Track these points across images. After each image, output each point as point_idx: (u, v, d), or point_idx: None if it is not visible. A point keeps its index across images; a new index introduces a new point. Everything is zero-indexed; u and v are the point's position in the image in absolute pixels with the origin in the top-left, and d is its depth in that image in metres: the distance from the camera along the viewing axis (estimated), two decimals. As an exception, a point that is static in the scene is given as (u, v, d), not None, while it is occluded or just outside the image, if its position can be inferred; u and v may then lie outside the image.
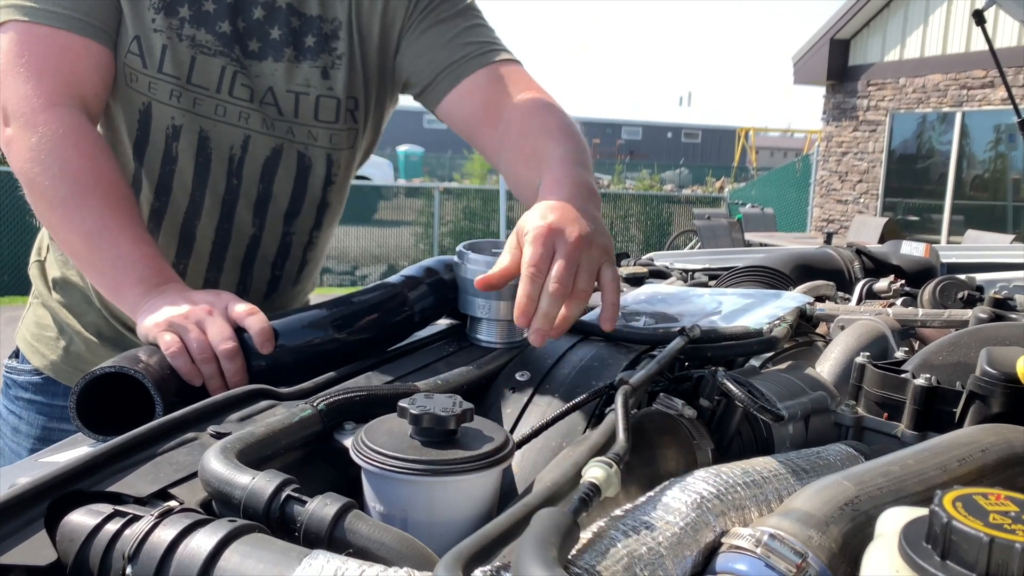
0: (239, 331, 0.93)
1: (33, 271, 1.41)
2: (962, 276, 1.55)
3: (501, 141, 1.22)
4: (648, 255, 2.13)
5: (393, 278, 1.08)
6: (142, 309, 0.98)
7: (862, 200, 12.50)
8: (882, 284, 1.61)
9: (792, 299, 1.28)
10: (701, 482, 0.62)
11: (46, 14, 1.11)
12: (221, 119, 1.24)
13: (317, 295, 1.39)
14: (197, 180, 1.26)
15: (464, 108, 1.27)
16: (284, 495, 0.58)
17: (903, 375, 0.90)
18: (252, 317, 0.94)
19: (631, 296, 1.39)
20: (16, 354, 1.42)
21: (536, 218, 0.90)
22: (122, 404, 0.85)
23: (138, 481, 0.63)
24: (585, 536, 0.54)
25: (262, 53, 1.24)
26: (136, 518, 0.56)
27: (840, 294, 1.62)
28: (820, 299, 1.46)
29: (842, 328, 1.20)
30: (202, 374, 0.91)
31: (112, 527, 0.55)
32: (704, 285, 1.66)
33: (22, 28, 1.11)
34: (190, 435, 0.72)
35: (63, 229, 1.09)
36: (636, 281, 1.68)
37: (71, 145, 1.08)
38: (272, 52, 1.24)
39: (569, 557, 0.52)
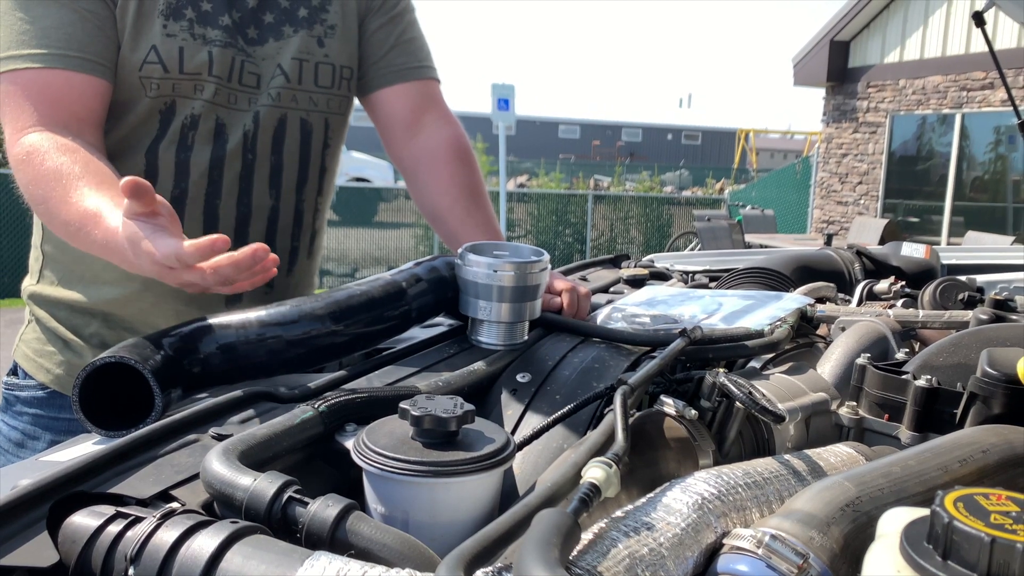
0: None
1: (29, 298, 1.42)
2: (962, 277, 1.55)
3: (415, 158, 1.47)
4: (648, 257, 2.13)
5: (393, 273, 1.08)
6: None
7: (862, 202, 12.49)
8: (883, 285, 1.61)
9: (793, 300, 1.28)
10: (702, 483, 0.62)
11: (30, 58, 1.17)
12: (233, 106, 1.32)
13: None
14: (214, 162, 1.32)
15: (389, 108, 1.48)
16: (286, 496, 0.58)
17: (904, 376, 0.90)
18: (176, 256, 0.90)
19: (632, 298, 1.39)
20: (14, 371, 1.41)
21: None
22: (124, 397, 0.85)
23: (140, 483, 0.63)
24: (586, 537, 0.54)
25: (261, 38, 1.33)
26: (138, 520, 0.56)
27: (841, 295, 1.62)
28: (821, 300, 1.46)
29: (843, 329, 1.20)
30: (237, 283, 0.94)
31: (114, 528, 0.55)
32: (704, 287, 1.66)
33: (8, 77, 1.17)
34: (191, 437, 0.72)
35: (67, 237, 1.14)
36: (637, 283, 1.69)
37: (34, 160, 1.12)
38: (271, 34, 1.34)
39: (570, 558, 0.52)
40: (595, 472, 0.58)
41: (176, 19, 1.25)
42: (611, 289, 1.63)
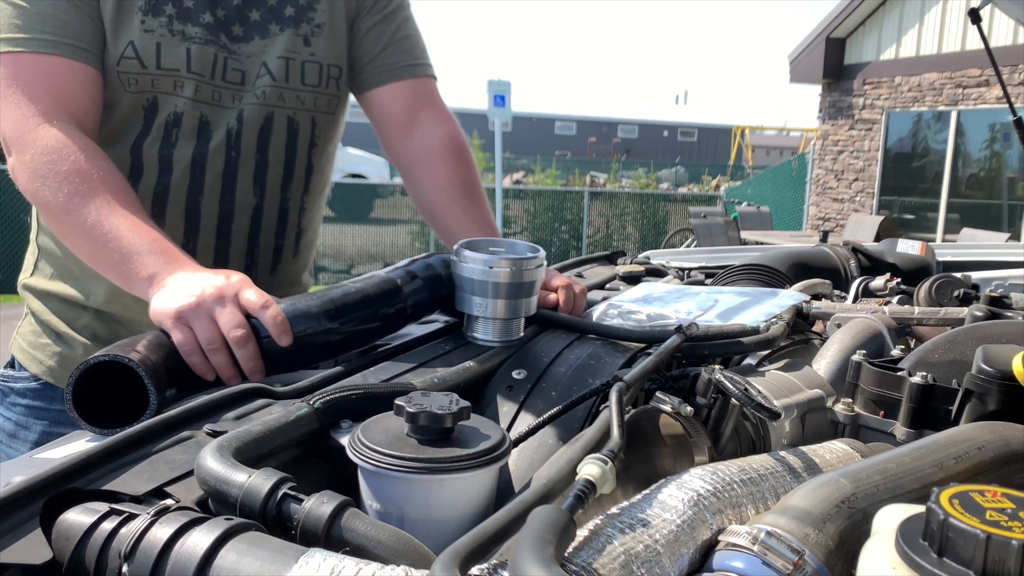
0: (251, 317, 0.94)
1: (24, 292, 1.43)
2: (958, 274, 1.56)
3: (411, 155, 1.46)
4: (644, 253, 2.13)
5: (388, 270, 1.08)
6: (153, 295, 0.99)
7: (858, 198, 12.51)
8: (878, 282, 1.61)
9: (788, 297, 1.28)
10: (698, 480, 0.62)
11: (30, 42, 1.17)
12: (217, 103, 1.31)
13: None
14: (196, 159, 1.31)
15: (384, 106, 1.47)
16: (280, 493, 0.58)
17: (899, 373, 0.90)
18: (266, 310, 0.94)
19: (628, 294, 1.39)
20: (11, 364, 1.43)
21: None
22: (119, 395, 0.85)
23: (134, 479, 0.63)
24: (582, 534, 0.54)
25: (247, 35, 1.33)
26: (132, 516, 0.55)
27: (836, 292, 1.62)
28: (816, 297, 1.47)
29: (838, 326, 1.20)
30: (213, 366, 0.91)
31: (108, 525, 0.55)
32: (700, 283, 1.66)
33: (8, 59, 1.18)
34: (186, 433, 0.72)
35: (71, 235, 1.15)
36: (632, 279, 1.68)
37: (62, 154, 1.13)
38: (257, 32, 1.34)
39: (566, 555, 0.52)
40: (590, 469, 0.58)
41: (155, 15, 1.25)
42: (607, 286, 1.63)
